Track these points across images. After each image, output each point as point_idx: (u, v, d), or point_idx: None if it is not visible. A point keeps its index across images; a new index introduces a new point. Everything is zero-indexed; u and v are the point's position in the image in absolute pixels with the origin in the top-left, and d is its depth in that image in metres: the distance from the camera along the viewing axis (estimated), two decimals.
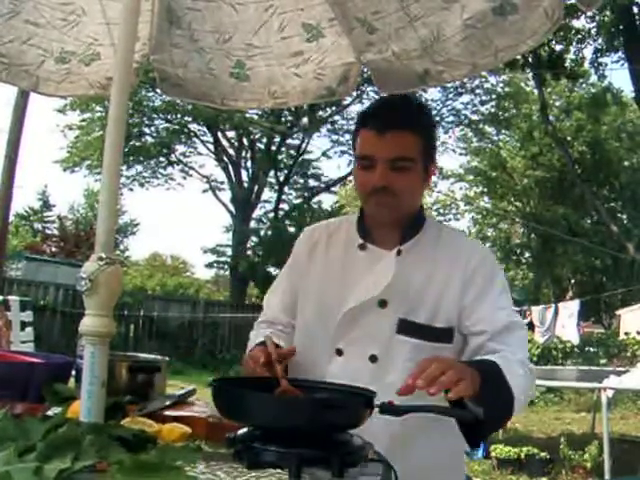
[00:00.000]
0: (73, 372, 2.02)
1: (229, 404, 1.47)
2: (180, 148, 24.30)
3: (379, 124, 1.88)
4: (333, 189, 27.07)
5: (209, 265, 25.80)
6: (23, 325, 7.77)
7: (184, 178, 25.08)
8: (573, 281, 28.31)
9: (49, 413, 1.64)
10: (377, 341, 1.89)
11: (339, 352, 1.91)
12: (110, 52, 2.59)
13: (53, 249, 24.45)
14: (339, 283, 1.96)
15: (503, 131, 26.69)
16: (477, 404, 1.50)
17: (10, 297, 8.41)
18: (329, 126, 24.94)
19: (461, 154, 28.57)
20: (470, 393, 1.50)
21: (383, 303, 1.89)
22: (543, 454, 7.05)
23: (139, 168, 24.34)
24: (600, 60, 17.05)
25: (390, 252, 1.93)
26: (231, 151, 24.34)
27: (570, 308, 13.47)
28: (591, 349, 15.78)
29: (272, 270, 20.24)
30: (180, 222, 77.57)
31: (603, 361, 14.41)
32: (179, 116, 22.91)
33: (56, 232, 26.72)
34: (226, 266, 24.73)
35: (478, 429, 1.59)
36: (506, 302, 1.94)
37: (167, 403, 1.89)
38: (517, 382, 1.69)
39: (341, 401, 1.50)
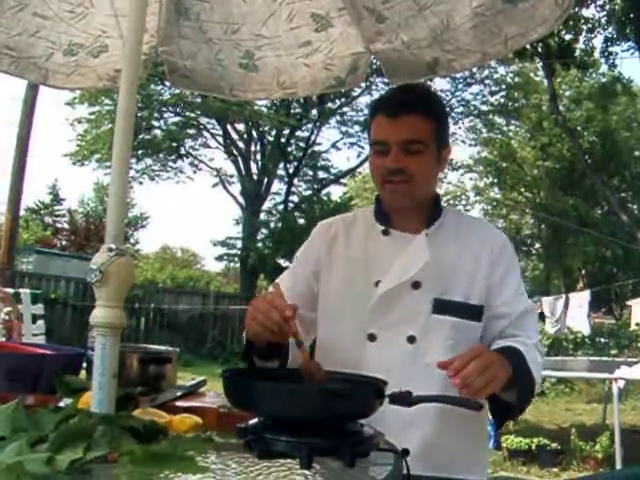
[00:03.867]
0: (84, 364, 2.02)
1: (240, 394, 1.47)
2: (189, 141, 24.31)
3: (391, 109, 1.92)
4: (342, 181, 27.04)
5: (219, 258, 25.78)
6: (34, 318, 7.81)
7: (194, 172, 25.10)
8: (584, 272, 28.24)
9: (60, 404, 1.65)
10: (414, 323, 1.90)
11: (372, 337, 1.91)
12: (118, 44, 2.59)
13: (63, 243, 24.56)
14: (365, 270, 1.97)
15: (513, 121, 26.59)
16: (508, 391, 1.71)
17: (21, 290, 8.46)
18: (338, 117, 24.91)
19: (471, 145, 28.61)
20: (498, 389, 1.65)
21: (417, 285, 1.90)
22: (554, 445, 7.03)
23: (149, 162, 24.33)
24: (610, 49, 16.92)
25: (415, 236, 1.95)
26: (240, 144, 24.32)
27: (581, 299, 13.45)
28: (602, 340, 15.70)
29: (282, 262, 20.24)
30: (190, 215, 77.78)
31: (614, 352, 14.33)
32: (188, 110, 22.91)
33: (66, 226, 26.83)
34: (236, 258, 24.73)
35: (507, 413, 1.84)
36: (523, 288, 2.01)
37: (178, 394, 1.89)
38: (536, 367, 1.80)
39: (351, 390, 1.49)
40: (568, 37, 16.10)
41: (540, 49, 15.94)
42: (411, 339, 1.88)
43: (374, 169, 1.98)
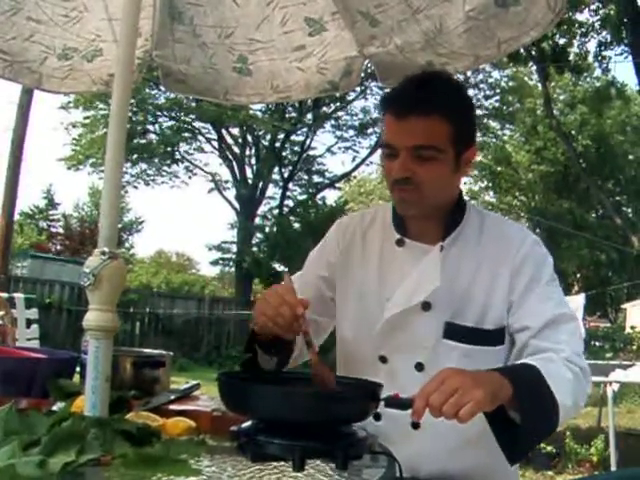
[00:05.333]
0: (78, 367, 2.02)
1: (234, 397, 1.47)
2: (184, 146, 24.31)
3: (400, 108, 1.69)
4: (337, 185, 27.06)
5: (214, 262, 25.76)
6: (28, 322, 7.78)
7: (189, 177, 25.09)
8: (579, 275, 28.26)
9: (54, 408, 1.65)
10: (422, 347, 1.74)
11: (383, 359, 1.79)
12: (112, 48, 2.59)
13: (58, 247, 24.54)
14: (378, 284, 1.82)
15: (507, 125, 26.62)
16: (515, 412, 1.43)
17: (15, 295, 8.43)
18: (333, 122, 24.93)
19: None
20: (485, 407, 1.36)
21: (427, 306, 1.74)
22: (549, 448, 7.02)
23: (144, 166, 24.32)
24: (604, 53, 17.01)
25: (431, 247, 1.76)
26: (235, 148, 24.33)
27: (575, 302, 13.41)
28: (597, 343, 15.75)
29: (277, 266, 20.24)
30: (185, 219, 77.69)
31: (609, 355, 14.36)
32: (183, 114, 22.91)
33: (61, 230, 26.81)
34: (231, 263, 24.71)
35: (517, 440, 1.45)
36: (554, 292, 1.76)
37: (171, 397, 1.89)
38: (561, 385, 1.53)
39: (345, 394, 1.49)
40: (562, 41, 16.18)
41: (534, 53, 16.01)
42: (419, 366, 1.74)
43: (385, 172, 1.77)
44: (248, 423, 1.44)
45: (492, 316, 1.74)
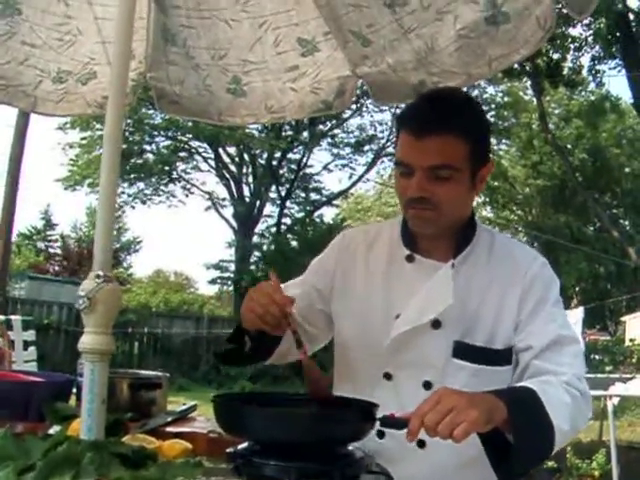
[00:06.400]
0: (74, 390, 2.02)
1: (229, 419, 1.47)
2: (181, 165, 24.38)
3: (416, 127, 1.67)
4: (335, 202, 27.12)
5: (212, 281, 25.78)
6: (26, 344, 7.77)
7: (186, 196, 25.15)
8: (577, 289, 28.25)
9: (50, 432, 1.64)
10: (431, 366, 1.72)
11: (388, 376, 1.76)
12: (107, 71, 2.60)
13: (56, 268, 24.49)
14: (384, 301, 1.78)
15: (503, 140, 26.72)
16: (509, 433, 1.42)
17: (12, 317, 8.42)
18: (329, 140, 25.02)
19: None
20: (480, 428, 1.36)
21: (437, 324, 1.71)
22: (550, 463, 6.99)
23: (141, 186, 24.41)
24: (598, 67, 17.12)
25: (442, 265, 1.74)
26: (232, 167, 24.41)
27: (574, 316, 13.40)
28: (597, 356, 15.70)
29: None
30: (183, 238, 77.70)
31: (609, 368, 14.33)
32: (180, 133, 22.99)
33: (59, 251, 26.77)
34: (229, 282, 24.71)
35: (512, 462, 1.43)
36: (559, 314, 1.76)
37: (168, 419, 1.89)
38: (558, 409, 1.51)
39: (341, 414, 1.49)
40: (556, 56, 16.25)
41: (529, 68, 16.10)
42: (427, 385, 1.71)
43: (398, 190, 1.75)
44: (244, 445, 1.45)
45: (501, 336, 1.72)
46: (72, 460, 1.26)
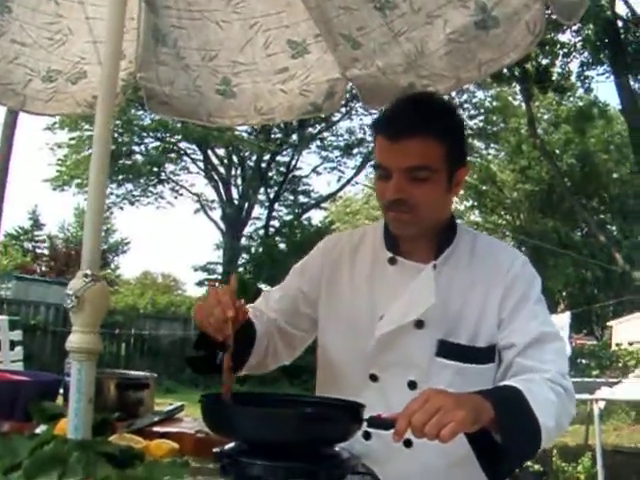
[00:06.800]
0: (61, 390, 2.01)
1: (216, 419, 1.47)
2: (170, 166, 24.33)
3: (392, 130, 1.70)
4: (323, 205, 27.13)
5: (200, 283, 25.73)
6: (12, 344, 7.74)
7: (175, 197, 25.11)
8: (564, 293, 28.36)
9: (37, 431, 1.64)
10: (415, 365, 1.74)
11: (373, 378, 1.77)
12: (97, 70, 2.60)
13: (43, 268, 24.36)
14: (368, 303, 1.81)
15: (492, 145, 26.83)
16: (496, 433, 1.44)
17: None
18: (319, 142, 25.05)
19: None
20: (467, 428, 1.37)
21: (420, 324, 1.73)
22: (536, 467, 7.02)
23: (129, 187, 24.36)
24: (586, 73, 17.22)
25: (424, 266, 1.76)
26: (221, 169, 24.39)
27: (561, 321, 13.46)
28: (583, 361, 15.77)
29: (263, 286, 20.19)
30: (171, 240, 77.51)
31: (595, 372, 14.39)
32: (169, 135, 22.94)
33: (46, 251, 26.64)
34: (217, 284, 24.66)
35: (500, 461, 1.46)
36: (540, 311, 1.78)
37: (155, 419, 1.89)
38: (544, 407, 1.53)
39: (328, 414, 1.50)
40: (545, 61, 16.35)
41: (518, 73, 16.15)
42: (412, 385, 1.73)
43: (378, 194, 1.78)
44: (231, 445, 1.45)
45: (484, 334, 1.74)
46: (59, 459, 1.26)
